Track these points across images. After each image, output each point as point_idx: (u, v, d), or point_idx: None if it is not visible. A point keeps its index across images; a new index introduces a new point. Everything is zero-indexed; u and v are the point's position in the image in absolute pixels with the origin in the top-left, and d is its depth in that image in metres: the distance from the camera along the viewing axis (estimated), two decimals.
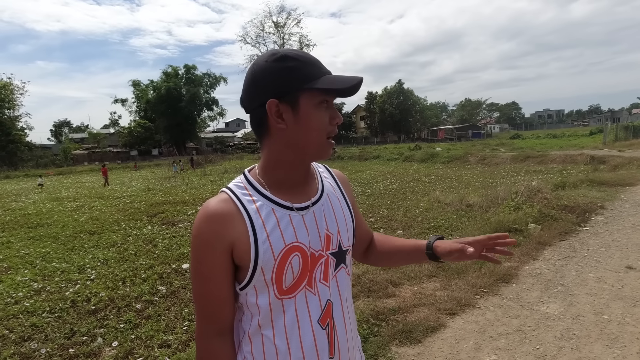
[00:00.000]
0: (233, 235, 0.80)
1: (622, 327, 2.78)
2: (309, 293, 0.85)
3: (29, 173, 28.92)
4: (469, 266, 4.12)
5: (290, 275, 0.82)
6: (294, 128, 0.80)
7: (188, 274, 4.57)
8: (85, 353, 2.92)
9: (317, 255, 0.86)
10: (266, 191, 0.85)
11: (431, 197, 8.58)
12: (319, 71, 0.81)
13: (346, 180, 1.05)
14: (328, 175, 1.01)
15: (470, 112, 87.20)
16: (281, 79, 0.79)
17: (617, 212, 6.14)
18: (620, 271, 3.81)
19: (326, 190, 0.94)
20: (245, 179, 0.88)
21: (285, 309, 0.83)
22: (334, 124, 0.83)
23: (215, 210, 0.81)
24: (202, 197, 11.01)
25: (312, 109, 0.80)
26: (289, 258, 0.82)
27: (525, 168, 14.76)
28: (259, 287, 0.82)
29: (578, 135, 36.77)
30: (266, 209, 0.83)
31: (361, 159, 27.04)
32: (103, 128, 59.93)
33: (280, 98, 0.79)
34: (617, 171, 11.11)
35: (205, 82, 48.67)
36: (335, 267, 0.90)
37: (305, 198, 0.88)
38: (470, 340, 2.74)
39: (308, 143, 0.82)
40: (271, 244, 0.80)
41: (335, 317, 0.88)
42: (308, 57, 0.83)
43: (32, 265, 5.16)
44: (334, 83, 0.79)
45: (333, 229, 0.89)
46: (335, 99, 0.86)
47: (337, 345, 0.87)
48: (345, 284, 0.93)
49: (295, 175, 0.88)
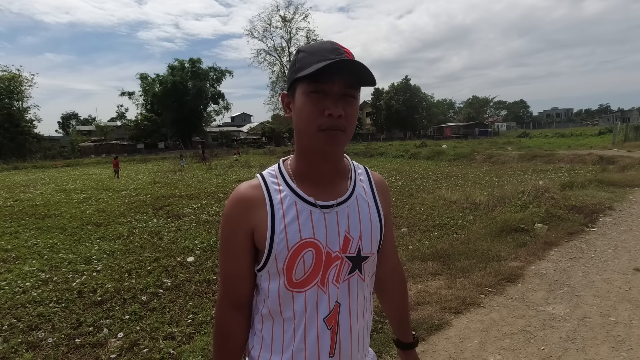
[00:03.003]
0: (255, 220, 0.85)
1: (629, 330, 2.75)
2: (321, 291, 0.85)
3: (37, 164, 29.18)
4: (474, 265, 4.10)
5: (302, 269, 0.84)
6: (294, 118, 0.84)
7: (192, 267, 4.59)
8: (91, 343, 2.95)
9: (333, 256, 0.85)
10: (292, 183, 0.88)
11: (437, 194, 8.54)
12: (317, 59, 0.77)
13: (385, 187, 1.01)
14: (365, 178, 0.97)
15: (477, 110, 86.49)
16: (289, 71, 0.85)
17: (626, 214, 6.06)
18: (628, 273, 3.77)
19: (357, 192, 0.92)
20: (279, 167, 0.92)
21: (294, 301, 0.85)
22: (325, 115, 0.78)
23: (243, 194, 0.87)
24: (208, 192, 11.04)
25: (302, 98, 0.80)
26: (302, 252, 0.83)
27: (533, 167, 14.61)
28: (272, 274, 0.86)
29: (587, 134, 36.30)
30: (289, 200, 0.85)
31: (367, 155, 26.95)
32: (110, 121, 60.34)
33: (288, 89, 0.86)
34: (626, 172, 10.96)
35: (211, 76, 48.68)
36: (350, 271, 0.88)
37: (331, 196, 0.88)
38: (475, 340, 2.73)
39: (300, 133, 0.84)
40: (287, 235, 0.83)
41: (341, 320, 0.87)
42: (318, 46, 0.81)
43: (40, 256, 5.22)
44: (311, 68, 0.76)
45: (354, 232, 0.87)
46: (345, 88, 0.79)
47: (338, 347, 0.87)
48: (359, 289, 0.90)
49: (319, 168, 0.87)
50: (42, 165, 28.67)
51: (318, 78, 0.76)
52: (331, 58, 0.76)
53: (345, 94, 0.79)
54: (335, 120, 0.78)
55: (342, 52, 0.79)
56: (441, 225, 6.11)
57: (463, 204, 7.38)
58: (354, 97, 0.82)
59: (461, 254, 4.45)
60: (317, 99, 0.78)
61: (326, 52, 0.78)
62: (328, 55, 0.77)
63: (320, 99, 0.78)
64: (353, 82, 0.80)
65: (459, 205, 7.31)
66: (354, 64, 0.76)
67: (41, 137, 40.80)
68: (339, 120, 0.79)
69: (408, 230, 6.01)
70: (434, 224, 6.20)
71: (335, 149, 0.83)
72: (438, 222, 6.31)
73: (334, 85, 0.78)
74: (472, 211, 6.86)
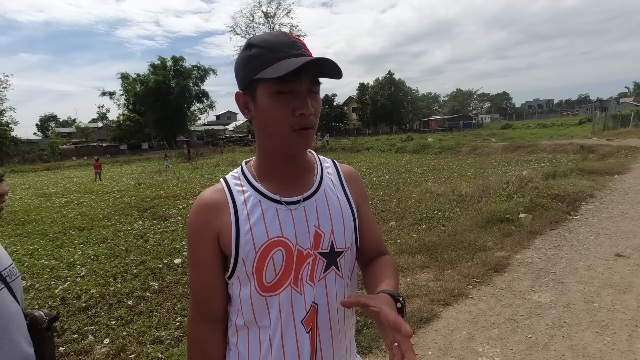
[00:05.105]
0: (219, 225, 0.81)
1: (612, 315, 2.82)
2: (295, 292, 0.81)
3: (15, 169, 28.36)
4: (462, 256, 4.15)
5: (272, 270, 0.80)
6: (257, 119, 0.79)
7: (180, 269, 4.52)
8: (76, 351, 2.87)
9: (305, 254, 0.81)
10: (256, 182, 0.85)
11: (423, 188, 8.62)
12: (277, 56, 0.73)
13: (355, 178, 0.96)
14: (333, 171, 0.93)
15: (461, 103, 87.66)
16: (242, 69, 0.78)
17: (607, 201, 6.22)
18: (609, 259, 3.86)
19: (324, 185, 0.88)
20: (241, 169, 0.89)
21: (269, 307, 0.81)
22: (297, 115, 0.74)
23: (206, 199, 0.84)
24: (194, 191, 10.90)
25: (267, 99, 0.75)
26: (270, 252, 0.80)
27: (516, 158, 14.88)
28: (242, 279, 0.82)
29: (567, 124, 37.22)
30: (253, 200, 0.83)
31: (353, 150, 27.02)
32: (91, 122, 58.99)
33: (244, 89, 0.80)
34: (606, 160, 11.26)
35: (194, 74, 47.99)
36: (325, 269, 0.83)
37: (296, 192, 0.84)
38: (464, 331, 2.76)
39: (270, 135, 0.79)
40: (253, 236, 0.79)
41: (320, 322, 0.82)
42: (273, 40, 0.75)
43: (20, 263, 5.06)
44: (278, 69, 0.71)
45: (325, 227, 0.83)
46: (310, 85, 0.76)
47: (320, 352, 0.83)
48: (337, 288, 0.85)
49: (284, 167, 0.84)
50: (20, 170, 27.88)
51: (284, 78, 0.71)
52: (293, 54, 0.73)
53: (311, 91, 0.77)
54: (307, 119, 0.76)
55: (300, 45, 0.76)
56: (428, 218, 6.17)
57: (449, 196, 7.46)
58: (318, 92, 0.79)
59: (449, 245, 4.50)
60: (285, 99, 0.74)
61: (285, 47, 0.74)
62: (289, 50, 0.74)
63: (288, 98, 0.75)
64: (318, 78, 0.78)
65: (446, 198, 7.39)
66: (323, 62, 0.72)
67: (19, 141, 39.70)
68: (309, 118, 0.76)
69: (396, 224, 6.04)
70: (422, 217, 6.25)
71: (308, 147, 0.81)
72: (425, 215, 6.37)
73: (301, 84, 0.74)
74: (459, 203, 6.94)
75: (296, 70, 0.70)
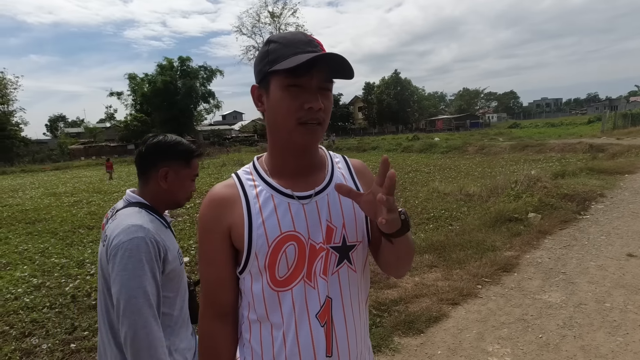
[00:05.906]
0: (231, 220, 0.82)
1: (624, 315, 2.78)
2: (308, 287, 0.81)
3: (26, 168, 28.72)
4: (470, 256, 4.12)
5: (285, 265, 0.80)
6: (268, 112, 0.81)
7: (188, 267, 4.55)
8: (87, 348, 2.90)
9: (317, 248, 0.81)
10: (268, 177, 0.86)
11: (430, 187, 8.57)
12: (292, 51, 0.75)
13: (365, 171, 0.96)
14: (343, 166, 0.93)
15: (468, 102, 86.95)
16: (259, 63, 0.80)
17: (617, 200, 6.14)
18: (621, 259, 3.81)
19: (335, 180, 0.88)
20: (253, 164, 0.90)
21: (281, 302, 0.81)
22: (305, 108, 0.75)
23: (216, 194, 0.85)
24: (201, 191, 10.95)
25: (278, 92, 0.77)
26: (283, 246, 0.80)
27: (524, 157, 14.74)
28: (254, 274, 0.82)
29: (576, 123, 36.77)
30: (265, 194, 0.83)
31: (359, 150, 26.98)
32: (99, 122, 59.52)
33: (260, 82, 0.82)
34: (615, 159, 11.12)
35: (201, 75, 48.24)
36: (338, 262, 0.83)
37: (308, 187, 0.84)
38: (473, 330, 2.74)
39: (277, 127, 0.81)
40: (266, 229, 0.80)
41: (335, 315, 0.82)
42: (290, 38, 0.78)
43: (31, 261, 5.13)
44: (290, 62, 0.73)
45: (337, 221, 0.83)
46: (322, 82, 0.77)
47: (335, 345, 0.82)
48: (351, 282, 0.86)
49: (295, 162, 0.85)
50: (30, 169, 28.22)
51: (296, 71, 0.73)
52: (308, 50, 0.75)
53: (322, 88, 0.77)
54: (315, 113, 0.76)
55: (316, 44, 0.78)
56: (436, 218, 6.13)
57: (457, 195, 7.42)
58: (330, 91, 0.80)
59: (456, 245, 4.47)
60: (295, 93, 0.76)
61: (301, 44, 0.76)
62: (304, 47, 0.76)
63: (299, 92, 0.76)
64: (330, 76, 0.78)
65: (453, 197, 7.34)
66: (334, 58, 0.73)
67: (29, 141, 40.19)
68: (317, 113, 0.77)
69: None
70: (429, 217, 6.22)
71: (314, 142, 0.81)
72: (433, 214, 6.33)
73: (312, 79, 0.75)
74: (466, 202, 6.89)
75: (307, 63, 0.71)
